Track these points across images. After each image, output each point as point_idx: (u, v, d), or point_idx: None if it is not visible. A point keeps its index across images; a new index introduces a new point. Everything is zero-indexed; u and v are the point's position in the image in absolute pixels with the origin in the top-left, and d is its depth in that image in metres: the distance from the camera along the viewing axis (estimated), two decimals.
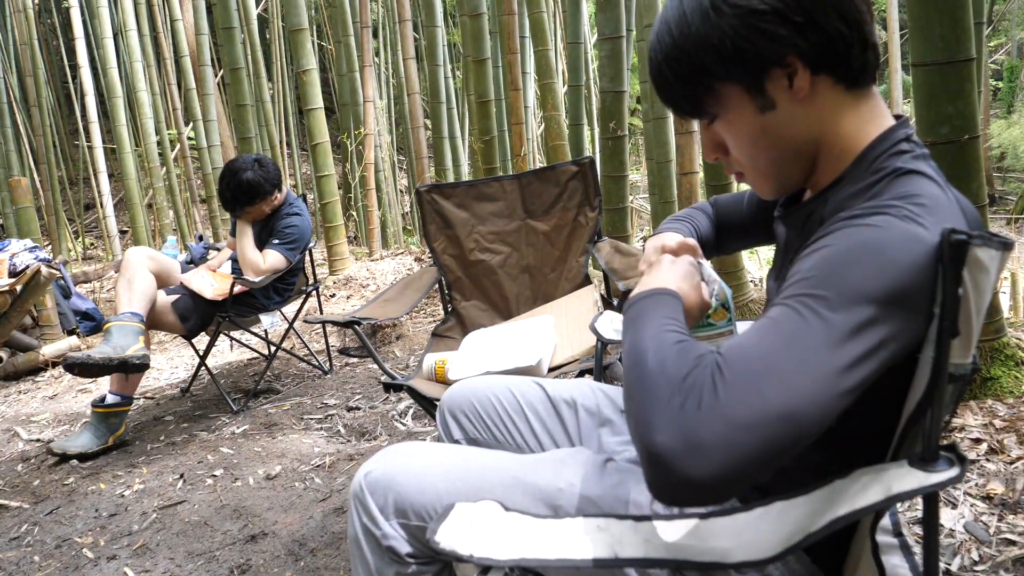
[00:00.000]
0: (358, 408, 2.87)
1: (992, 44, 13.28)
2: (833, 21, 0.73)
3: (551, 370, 1.95)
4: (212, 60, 6.69)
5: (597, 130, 5.26)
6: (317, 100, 4.90)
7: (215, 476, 2.31)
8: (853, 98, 0.78)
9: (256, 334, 3.40)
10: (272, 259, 2.91)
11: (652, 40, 0.82)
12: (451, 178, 5.88)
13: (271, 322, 3.11)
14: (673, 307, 0.80)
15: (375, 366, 3.20)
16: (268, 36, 9.35)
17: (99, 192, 7.66)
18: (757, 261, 5.47)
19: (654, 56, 0.82)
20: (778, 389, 0.62)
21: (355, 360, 3.56)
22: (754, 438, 0.61)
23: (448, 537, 0.78)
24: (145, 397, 3.39)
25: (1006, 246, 0.67)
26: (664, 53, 0.80)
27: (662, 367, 0.68)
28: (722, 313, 0.93)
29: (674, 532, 0.76)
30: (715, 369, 0.65)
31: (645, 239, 6.15)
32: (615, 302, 1.91)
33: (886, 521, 0.89)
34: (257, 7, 7.74)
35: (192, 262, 3.28)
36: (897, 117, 0.80)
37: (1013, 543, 1.40)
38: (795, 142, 0.80)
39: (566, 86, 4.94)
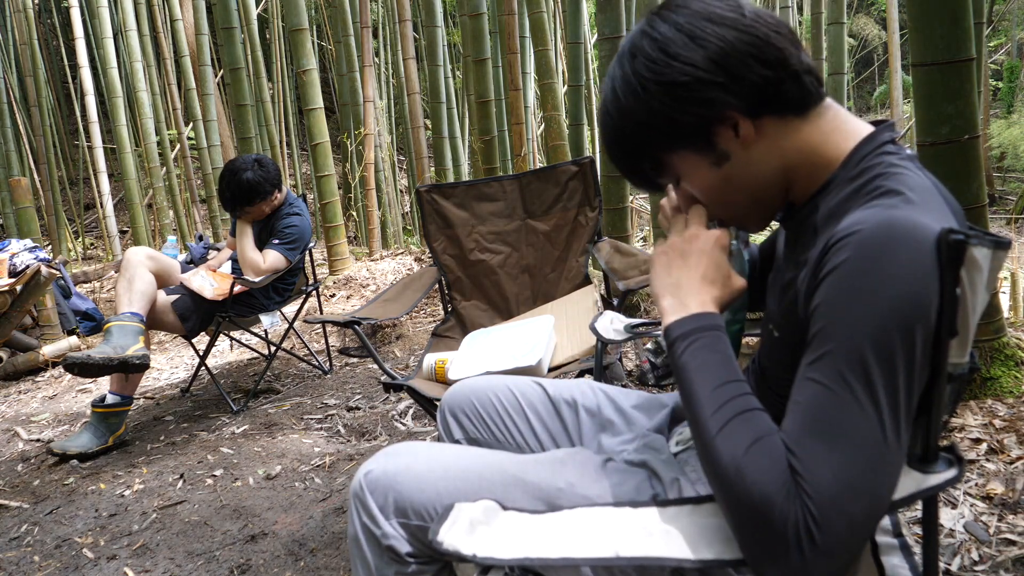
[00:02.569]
0: (358, 408, 2.87)
1: (992, 44, 13.28)
2: (755, 69, 0.74)
3: (551, 370, 1.96)
4: (212, 60, 6.69)
5: (597, 130, 5.25)
6: (317, 100, 4.90)
7: (215, 476, 2.31)
8: (805, 121, 0.79)
9: (256, 334, 3.40)
10: (272, 259, 2.91)
11: (598, 119, 0.84)
12: (451, 178, 5.88)
13: (271, 322, 3.11)
14: (716, 352, 0.77)
15: (375, 366, 3.20)
16: (268, 36, 9.35)
17: (99, 192, 7.66)
18: None
19: (604, 136, 0.84)
20: (862, 501, 0.64)
21: (355, 360, 3.56)
22: (852, 542, 0.65)
23: (451, 537, 0.78)
24: (145, 397, 3.39)
25: (998, 244, 0.67)
26: (610, 134, 0.83)
27: (741, 478, 0.68)
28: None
29: (673, 517, 0.78)
30: (805, 511, 0.65)
31: (645, 239, 6.15)
32: (615, 302, 1.91)
33: (886, 521, 0.89)
34: (257, 7, 7.74)
35: (192, 262, 3.28)
36: (880, 122, 0.81)
37: (1013, 543, 1.40)
38: (762, 179, 0.81)
39: (566, 86, 4.93)
